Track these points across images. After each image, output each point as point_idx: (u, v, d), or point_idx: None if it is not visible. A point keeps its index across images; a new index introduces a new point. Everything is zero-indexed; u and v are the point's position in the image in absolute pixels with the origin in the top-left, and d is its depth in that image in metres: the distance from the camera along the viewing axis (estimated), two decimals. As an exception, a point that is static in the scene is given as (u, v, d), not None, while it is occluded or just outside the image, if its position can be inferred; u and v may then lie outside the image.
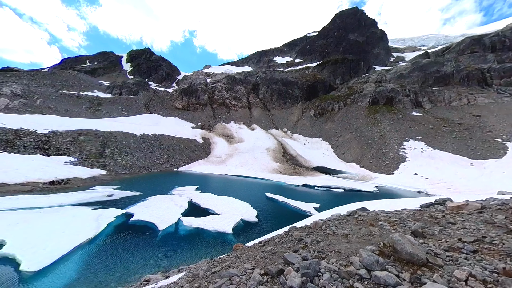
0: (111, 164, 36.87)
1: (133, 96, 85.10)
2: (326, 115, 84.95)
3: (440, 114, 66.54)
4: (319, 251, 3.49)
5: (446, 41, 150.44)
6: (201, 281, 3.62)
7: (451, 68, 77.51)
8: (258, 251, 4.53)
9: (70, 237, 11.69)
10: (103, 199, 20.44)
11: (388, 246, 3.14)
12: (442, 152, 51.67)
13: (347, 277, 2.74)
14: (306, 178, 44.31)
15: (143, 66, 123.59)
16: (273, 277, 3.03)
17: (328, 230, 4.52)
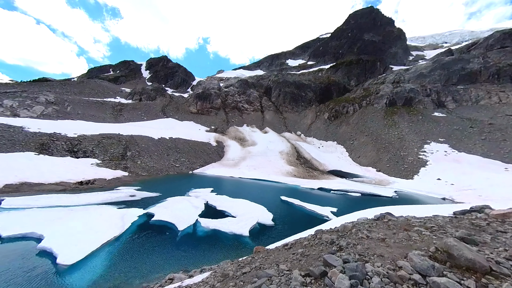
0: (132, 166, 38.73)
1: (151, 102, 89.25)
2: (341, 118, 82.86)
3: (466, 114, 62.10)
4: (360, 254, 3.40)
5: (471, 37, 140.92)
6: (234, 280, 3.69)
7: (478, 65, 72.32)
8: (286, 253, 4.52)
9: (98, 234, 12.44)
10: (126, 199, 21.49)
11: (441, 252, 2.95)
12: (470, 155, 47.99)
13: (399, 281, 2.62)
14: (321, 182, 43.28)
15: (161, 73, 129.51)
16: (316, 279, 3.01)
17: (360, 234, 4.39)
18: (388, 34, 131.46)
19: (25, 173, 23.54)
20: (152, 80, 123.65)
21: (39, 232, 12.11)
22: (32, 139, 33.71)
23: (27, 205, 16.44)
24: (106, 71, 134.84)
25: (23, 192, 19.94)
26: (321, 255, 3.58)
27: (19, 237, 11.82)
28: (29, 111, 51.72)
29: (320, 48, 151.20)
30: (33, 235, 12.02)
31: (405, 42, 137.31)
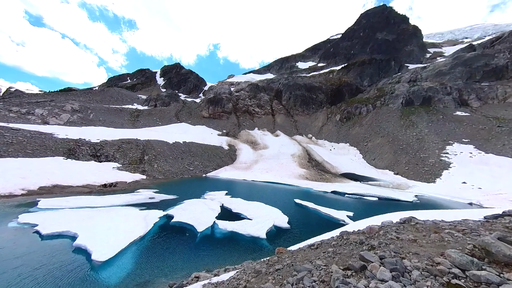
0: (149, 169, 40.42)
1: (165, 108, 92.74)
2: (353, 119, 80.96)
3: (493, 113, 58.24)
4: (395, 252, 3.55)
5: (495, 31, 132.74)
6: (269, 276, 3.94)
7: (504, 60, 67.92)
8: (314, 252, 4.70)
9: (126, 234, 13.27)
10: (146, 201, 22.54)
11: (479, 249, 3.05)
12: (499, 156, 44.83)
13: (439, 274, 2.78)
14: (335, 185, 42.41)
15: (174, 80, 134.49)
16: (356, 272, 3.21)
17: (389, 235, 4.48)
18: (403, 32, 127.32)
19: (56, 176, 25.49)
20: (166, 87, 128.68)
21: (73, 231, 13.16)
22: (61, 144, 36.39)
23: (60, 206, 17.84)
24: (124, 80, 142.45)
25: (55, 193, 21.63)
26: (353, 254, 3.75)
27: (56, 235, 12.95)
28: (57, 118, 55.88)
29: (330, 49, 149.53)
30: (68, 233, 13.10)
31: (421, 39, 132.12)
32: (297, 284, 3.28)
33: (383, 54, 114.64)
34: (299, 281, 3.33)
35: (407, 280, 2.77)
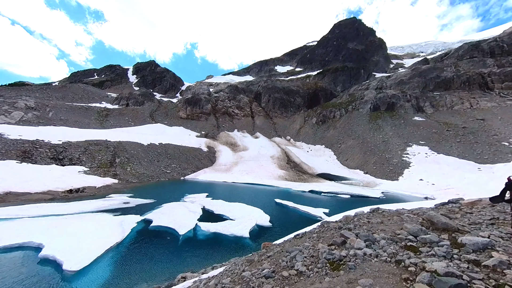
0: (122, 173, 37.80)
1: (139, 107, 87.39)
2: (328, 123, 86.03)
3: (442, 118, 67.22)
4: (367, 230, 4.34)
5: (444, 47, 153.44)
6: (264, 260, 4.39)
7: (451, 73, 79.03)
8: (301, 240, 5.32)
9: (101, 241, 12.44)
10: (120, 206, 21.21)
11: (426, 221, 4.00)
12: (448, 156, 51.91)
13: (399, 240, 3.65)
14: (312, 185, 44.69)
15: (148, 78, 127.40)
16: (339, 246, 3.88)
17: (361, 220, 5.35)
18: (370, 44, 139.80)
19: (9, 183, 22.45)
20: (140, 85, 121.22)
21: (37, 241, 11.92)
22: (13, 146, 32.03)
23: (16, 215, 15.89)
24: (90, 75, 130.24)
25: (9, 202, 19.05)
26: (334, 235, 4.46)
27: (16, 247, 11.62)
28: (6, 117, 48.84)
29: (307, 55, 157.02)
30: (31, 244, 11.84)
31: (386, 51, 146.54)
32: (291, 261, 3.84)
33: (354, 63, 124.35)
34: (292, 259, 3.90)
35: (377, 246, 3.58)
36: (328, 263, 3.54)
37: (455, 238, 3.63)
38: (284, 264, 3.77)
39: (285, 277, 3.37)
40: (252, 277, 3.56)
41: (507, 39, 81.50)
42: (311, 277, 3.21)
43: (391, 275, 3.06)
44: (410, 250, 3.56)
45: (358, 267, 3.29)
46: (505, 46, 79.54)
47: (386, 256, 3.53)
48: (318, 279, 3.11)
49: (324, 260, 3.63)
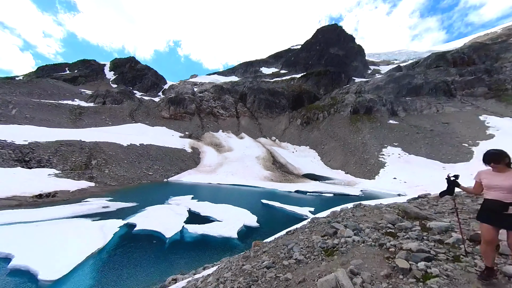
0: (99, 175, 35.59)
1: (117, 106, 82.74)
2: (312, 124, 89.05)
3: (413, 122, 73.25)
4: (354, 222, 4.88)
5: (415, 56, 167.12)
6: (262, 255, 4.68)
7: (420, 80, 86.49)
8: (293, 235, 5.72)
9: (80, 248, 11.73)
10: (99, 211, 20.06)
11: (401, 212, 4.66)
12: (417, 157, 56.73)
13: (380, 228, 4.26)
14: (298, 185, 46.00)
15: (128, 75, 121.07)
16: (331, 236, 4.34)
17: (347, 215, 5.94)
18: (350, 50, 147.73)
19: (-36, 188, 20.02)
20: (118, 82, 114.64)
21: (5, 251, 10.88)
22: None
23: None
24: (61, 70, 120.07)
25: (-34, 209, 17.00)
26: (325, 228, 4.92)
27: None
28: (-42, 113, 43.26)
29: (291, 58, 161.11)
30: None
31: (364, 57, 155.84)
32: (288, 252, 4.21)
33: (335, 67, 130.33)
34: (289, 250, 4.27)
35: (363, 234, 4.15)
36: (323, 250, 3.97)
37: (424, 224, 4.35)
38: (282, 256, 4.13)
39: (285, 265, 3.73)
40: (253, 269, 3.84)
41: (467, 51, 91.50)
42: (309, 263, 3.62)
43: (376, 256, 3.68)
44: (389, 235, 4.27)
45: (349, 252, 3.77)
46: (465, 57, 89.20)
47: (371, 241, 4.15)
48: (316, 264, 3.53)
49: (319, 249, 4.04)
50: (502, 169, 2.79)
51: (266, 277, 3.49)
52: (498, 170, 2.81)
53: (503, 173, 2.78)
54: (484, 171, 2.97)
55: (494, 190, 2.83)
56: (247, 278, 3.55)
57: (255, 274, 3.74)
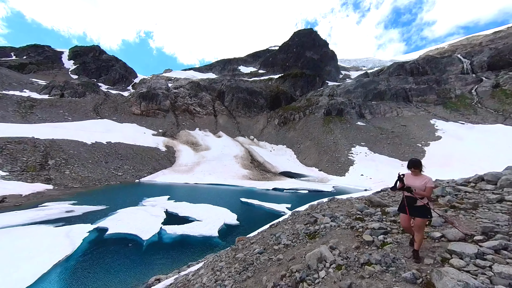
0: (58, 177, 31.95)
1: (78, 99, 74.55)
2: (289, 124, 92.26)
3: (377, 124, 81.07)
4: (330, 211, 5.64)
5: (380, 64, 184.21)
6: (252, 245, 5.12)
7: (384, 86, 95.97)
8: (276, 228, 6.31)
9: (44, 256, 10.68)
10: (61, 216, 18.22)
11: (367, 201, 5.58)
12: (381, 155, 63.13)
13: (351, 215, 5.13)
14: (275, 183, 47.50)
15: (91, 66, 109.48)
16: (312, 223, 5.03)
17: (324, 207, 6.77)
18: (324, 54, 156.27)
19: None
20: (79, 73, 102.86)
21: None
22: None
23: None
24: (5, 55, 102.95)
25: None
26: (306, 219, 5.61)
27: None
28: None
29: (269, 59, 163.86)
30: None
31: (336, 62, 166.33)
32: (277, 239, 4.78)
33: (311, 70, 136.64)
34: (278, 238, 4.83)
35: (338, 220, 4.99)
36: (306, 235, 4.66)
37: (384, 210, 5.44)
38: (272, 242, 4.67)
39: (276, 249, 4.27)
40: (246, 256, 4.26)
41: (421, 63, 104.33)
42: (296, 246, 4.23)
43: (348, 235, 4.60)
44: (359, 220, 5.23)
45: (328, 234, 4.52)
46: (420, 68, 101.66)
47: (344, 225, 5.10)
48: (302, 245, 4.15)
49: (303, 234, 4.72)
50: (417, 173, 3.73)
51: (260, 260, 3.98)
52: (414, 174, 3.76)
53: (417, 176, 3.72)
54: (406, 174, 3.88)
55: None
56: (242, 264, 3.97)
57: (249, 259, 4.19)
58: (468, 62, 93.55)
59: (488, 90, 79.37)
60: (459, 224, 3.93)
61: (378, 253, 3.56)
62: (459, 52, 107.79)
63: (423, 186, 3.56)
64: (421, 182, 3.60)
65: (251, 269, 3.84)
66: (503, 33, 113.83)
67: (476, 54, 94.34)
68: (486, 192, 4.80)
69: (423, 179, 3.62)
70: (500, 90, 77.30)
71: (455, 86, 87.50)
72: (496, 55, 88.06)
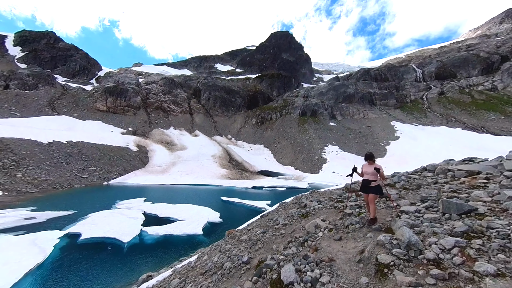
0: (8, 181, 28.02)
1: (29, 92, 65.34)
2: (266, 124, 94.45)
3: (347, 125, 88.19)
4: (316, 198, 6.66)
5: (349, 69, 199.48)
6: (253, 229, 5.79)
7: (352, 90, 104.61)
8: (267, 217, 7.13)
9: (12, 266, 9.68)
10: (20, 223, 16.33)
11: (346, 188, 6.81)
12: (350, 154, 68.98)
13: (333, 199, 6.28)
14: (254, 181, 48.57)
15: (44, 54, 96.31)
16: (303, 207, 6.05)
17: (308, 196, 7.81)
18: (300, 57, 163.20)
19: None
20: (28, 62, 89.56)
21: None
22: None
23: None
24: None
25: None
26: (295, 206, 6.54)
27: None
28: None
29: (247, 58, 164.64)
30: None
31: (311, 65, 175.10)
32: (275, 221, 5.58)
33: (287, 71, 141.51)
34: (275, 220, 5.67)
35: (324, 203, 6.20)
36: (300, 215, 5.67)
37: (358, 194, 6.61)
38: (271, 224, 5.48)
39: (276, 228, 5.09)
40: (250, 237, 4.93)
41: (383, 70, 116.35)
42: (293, 224, 5.14)
43: (333, 212, 5.84)
44: (339, 202, 6.59)
45: (317, 213, 5.60)
46: (382, 74, 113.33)
47: (329, 206, 6.40)
48: (298, 222, 5.09)
49: (297, 215, 5.75)
50: (371, 163, 5.22)
51: (265, 236, 4.75)
52: (369, 164, 5.25)
53: (370, 165, 5.17)
54: (364, 164, 5.44)
55: (366, 174, 5.24)
56: (248, 242, 4.65)
57: (254, 238, 4.91)
58: (420, 71, 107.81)
59: (436, 97, 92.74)
60: (407, 198, 5.45)
61: (357, 218, 5.06)
62: (413, 62, 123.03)
63: (375, 171, 4.96)
64: (373, 169, 5.04)
65: (260, 243, 4.57)
66: (446, 48, 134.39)
67: (426, 65, 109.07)
68: (427, 178, 6.51)
69: (374, 166, 5.07)
70: (444, 97, 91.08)
71: (410, 92, 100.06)
72: (441, 67, 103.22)
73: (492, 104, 76.67)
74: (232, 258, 4.69)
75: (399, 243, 3.15)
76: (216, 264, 4.79)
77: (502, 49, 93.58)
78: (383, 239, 3.38)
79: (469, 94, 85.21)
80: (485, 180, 5.30)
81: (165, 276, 6.68)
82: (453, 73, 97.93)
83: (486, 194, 4.41)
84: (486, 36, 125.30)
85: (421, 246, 3.02)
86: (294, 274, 3.28)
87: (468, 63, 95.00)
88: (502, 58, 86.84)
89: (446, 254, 2.76)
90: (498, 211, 3.60)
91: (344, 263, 3.29)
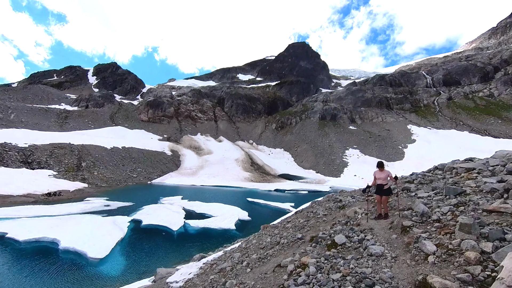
0: (90, 177, 34.37)
1: (99, 109, 76.87)
2: (286, 128, 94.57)
3: (367, 128, 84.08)
4: (350, 194, 8.26)
5: (365, 75, 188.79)
6: (296, 219, 7.42)
7: (370, 94, 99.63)
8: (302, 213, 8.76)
9: (107, 237, 13.46)
10: (103, 208, 20.83)
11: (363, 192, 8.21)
12: (370, 157, 65.78)
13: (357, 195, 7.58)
14: (276, 184, 49.28)
15: (109, 79, 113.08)
16: (339, 202, 8.65)
17: (339, 194, 9.72)
18: (317, 64, 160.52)
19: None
20: (100, 87, 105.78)
21: (50, 236, 12.99)
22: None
23: (15, 215, 16.52)
24: (49, 76, 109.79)
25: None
26: (332, 201, 8.24)
27: (34, 241, 12.70)
28: None
29: (266, 67, 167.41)
30: (45, 239, 13.03)
31: (328, 72, 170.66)
32: (315, 213, 7.48)
33: (305, 78, 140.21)
34: (315, 212, 7.79)
35: (356, 198, 8.04)
36: (337, 208, 7.73)
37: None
38: (311, 215, 7.48)
39: (318, 217, 7.09)
40: (296, 223, 6.67)
41: (397, 76, 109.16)
42: (332, 214, 7.19)
43: (364, 204, 7.17)
44: (370, 196, 7.74)
45: (352, 205, 7.45)
46: (397, 80, 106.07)
47: (361, 199, 8.04)
48: (336, 213, 6.99)
49: (335, 208, 7.86)
50: (382, 170, 6.26)
51: (310, 223, 6.51)
52: (380, 170, 6.26)
53: (382, 171, 6.22)
54: (376, 171, 6.41)
55: (379, 179, 6.26)
56: (295, 228, 6.38)
57: (300, 225, 6.72)
58: (430, 78, 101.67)
59: (445, 102, 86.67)
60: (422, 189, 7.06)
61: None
62: (423, 69, 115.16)
63: (386, 176, 6.16)
64: (384, 174, 6.21)
65: (307, 227, 6.50)
66: (449, 58, 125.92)
67: (434, 72, 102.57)
68: (438, 175, 8.01)
69: (385, 173, 6.22)
70: (452, 102, 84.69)
71: (422, 97, 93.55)
72: (447, 74, 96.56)
73: (491, 109, 75.16)
74: (286, 237, 6.26)
75: (416, 213, 4.82)
76: (272, 242, 6.33)
77: (493, 61, 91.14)
78: (406, 213, 5.13)
79: (472, 100, 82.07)
80: (477, 174, 6.68)
81: (217, 255, 8.50)
82: (457, 80, 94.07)
83: (474, 183, 6.00)
84: (479, 49, 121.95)
85: (430, 214, 4.69)
86: (345, 239, 4.75)
87: (469, 71, 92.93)
88: (495, 68, 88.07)
89: (443, 216, 4.45)
90: (478, 192, 5.38)
91: (380, 230, 4.99)
